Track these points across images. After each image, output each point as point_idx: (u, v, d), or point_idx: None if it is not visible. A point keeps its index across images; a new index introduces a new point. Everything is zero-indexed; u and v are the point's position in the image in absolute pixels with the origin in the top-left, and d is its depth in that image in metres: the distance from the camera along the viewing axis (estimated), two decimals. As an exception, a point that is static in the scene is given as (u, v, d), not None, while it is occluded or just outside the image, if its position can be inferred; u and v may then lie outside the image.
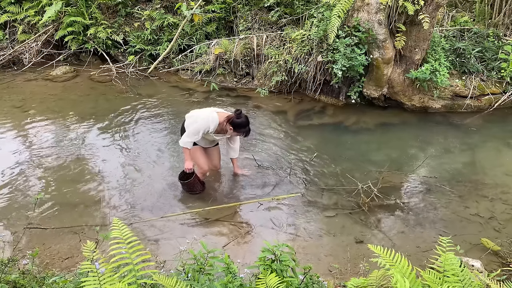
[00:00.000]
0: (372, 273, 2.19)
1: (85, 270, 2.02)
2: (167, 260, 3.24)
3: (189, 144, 4.03)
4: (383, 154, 5.15)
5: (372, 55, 5.87)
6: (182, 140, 4.05)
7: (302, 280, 2.34)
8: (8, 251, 3.27)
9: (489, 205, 4.18)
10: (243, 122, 3.95)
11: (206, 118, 3.93)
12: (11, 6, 8.07)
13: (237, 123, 3.93)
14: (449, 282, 1.98)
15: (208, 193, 4.37)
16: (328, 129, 5.81)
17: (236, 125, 3.94)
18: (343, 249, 3.59)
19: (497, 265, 3.39)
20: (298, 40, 6.48)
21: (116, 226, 2.18)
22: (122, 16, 8.09)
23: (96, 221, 3.87)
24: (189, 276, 2.21)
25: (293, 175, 4.65)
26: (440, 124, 5.90)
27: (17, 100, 6.52)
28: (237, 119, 3.91)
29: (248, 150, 5.14)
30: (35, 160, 4.90)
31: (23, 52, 8.02)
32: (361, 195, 4.24)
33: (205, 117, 3.95)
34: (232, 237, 3.71)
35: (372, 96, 6.22)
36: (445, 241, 2.16)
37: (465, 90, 6.16)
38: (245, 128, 3.98)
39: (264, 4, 7.59)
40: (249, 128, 4.03)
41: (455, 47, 6.33)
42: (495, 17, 6.89)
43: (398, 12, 5.57)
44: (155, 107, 6.36)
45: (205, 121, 3.93)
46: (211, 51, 7.27)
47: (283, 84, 6.73)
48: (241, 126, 3.95)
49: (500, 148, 5.33)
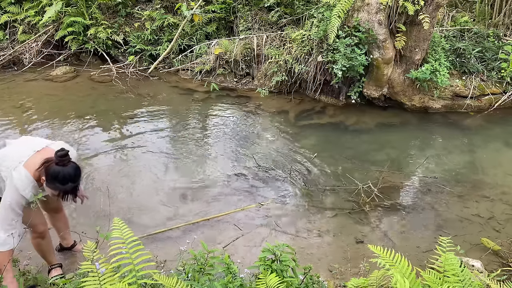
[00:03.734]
0: (372, 273, 2.19)
1: (86, 270, 2.02)
2: (167, 260, 3.24)
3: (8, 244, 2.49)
4: (383, 154, 5.15)
5: (372, 55, 5.87)
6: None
7: (302, 280, 2.35)
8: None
9: (489, 205, 4.18)
10: (63, 172, 2.41)
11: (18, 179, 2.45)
12: (11, 6, 8.07)
13: (52, 173, 2.41)
14: (449, 282, 1.98)
15: (208, 195, 4.37)
16: (328, 129, 5.81)
17: (50, 176, 2.42)
18: (343, 249, 3.59)
19: (497, 265, 3.39)
20: (298, 40, 6.48)
21: (117, 226, 2.18)
22: (122, 16, 8.09)
23: (96, 221, 3.86)
24: (189, 276, 2.21)
25: (293, 175, 4.65)
26: (440, 124, 5.90)
27: (17, 100, 6.52)
28: (57, 164, 2.41)
29: (248, 150, 5.14)
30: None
31: (23, 52, 8.01)
32: (361, 195, 4.24)
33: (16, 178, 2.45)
34: (232, 237, 3.71)
35: (372, 96, 6.22)
36: (445, 241, 2.16)
37: (465, 90, 6.16)
38: (63, 184, 2.42)
39: (264, 4, 7.59)
40: (74, 188, 2.47)
41: (455, 47, 6.34)
42: (495, 17, 6.90)
43: (398, 12, 5.57)
44: (155, 107, 6.36)
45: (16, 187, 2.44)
46: (211, 51, 7.27)
47: (283, 84, 6.73)
48: (56, 178, 2.41)
49: (500, 148, 5.33)
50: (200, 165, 4.85)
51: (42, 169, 2.45)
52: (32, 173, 2.48)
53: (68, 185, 2.44)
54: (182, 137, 5.51)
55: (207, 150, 5.21)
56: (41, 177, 2.47)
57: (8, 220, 2.47)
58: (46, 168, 2.43)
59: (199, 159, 4.98)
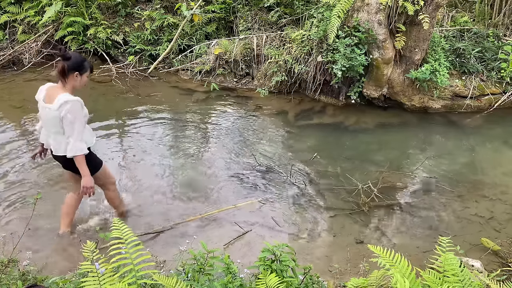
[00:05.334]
0: (372, 273, 2.19)
1: (85, 270, 2.02)
2: (167, 260, 3.24)
3: (85, 148, 3.08)
4: (383, 154, 5.15)
5: (372, 55, 5.87)
6: (74, 147, 3.00)
7: (302, 280, 2.35)
8: (8, 251, 3.27)
9: (489, 205, 4.18)
10: (78, 56, 3.04)
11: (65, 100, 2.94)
12: (11, 6, 8.06)
13: (76, 62, 2.98)
14: (449, 282, 1.98)
15: (208, 195, 4.37)
16: (328, 129, 5.81)
17: (78, 65, 2.98)
18: (343, 249, 3.58)
19: (497, 265, 3.39)
20: (298, 40, 6.48)
21: (116, 226, 2.18)
22: (122, 16, 8.09)
23: (96, 221, 3.86)
24: (189, 276, 2.21)
25: (293, 175, 4.65)
26: (440, 124, 5.90)
27: (17, 100, 6.52)
28: (68, 58, 2.94)
29: (248, 150, 5.14)
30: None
31: (23, 52, 8.01)
32: (361, 195, 4.24)
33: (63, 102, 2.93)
34: (232, 237, 3.71)
35: (372, 96, 6.22)
36: (445, 241, 2.16)
37: (465, 90, 6.17)
38: (86, 60, 3.08)
39: (264, 4, 7.59)
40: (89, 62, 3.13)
41: (455, 47, 6.34)
42: (495, 17, 6.90)
43: (398, 12, 5.57)
44: (155, 107, 6.35)
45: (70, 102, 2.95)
46: (211, 51, 7.27)
47: (283, 84, 6.73)
48: (82, 61, 3.02)
49: (500, 148, 5.34)
50: (200, 165, 4.85)
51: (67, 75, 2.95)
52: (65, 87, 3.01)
53: (88, 60, 3.08)
54: (182, 137, 5.51)
55: (207, 150, 5.21)
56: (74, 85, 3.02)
57: (82, 132, 3.01)
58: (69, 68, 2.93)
59: (199, 159, 4.98)
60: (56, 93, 2.99)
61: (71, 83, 3.00)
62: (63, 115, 2.94)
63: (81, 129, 3.01)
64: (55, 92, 3.00)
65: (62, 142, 3.07)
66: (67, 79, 2.98)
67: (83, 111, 3.05)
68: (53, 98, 2.98)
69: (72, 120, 2.95)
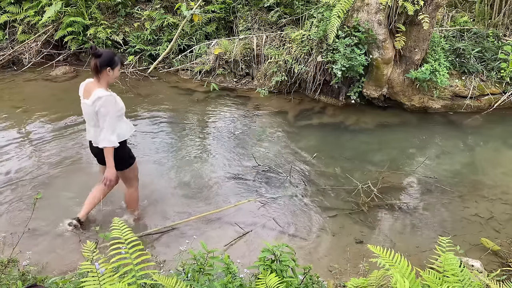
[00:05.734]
0: (372, 273, 2.19)
1: (85, 270, 2.02)
2: (167, 260, 3.24)
3: (115, 141, 3.23)
4: (383, 154, 5.15)
5: (372, 55, 5.87)
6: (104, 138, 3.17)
7: (302, 280, 2.35)
8: (8, 251, 3.27)
9: (488, 205, 4.18)
10: (109, 52, 3.24)
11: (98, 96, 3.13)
12: (11, 6, 8.07)
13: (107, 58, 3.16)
14: (449, 282, 1.98)
15: (208, 195, 4.37)
16: (328, 129, 5.81)
17: (109, 61, 3.16)
18: (343, 249, 3.58)
19: (497, 265, 3.40)
20: (298, 40, 6.48)
21: (116, 226, 2.18)
22: (122, 16, 8.09)
23: (96, 221, 3.86)
24: (189, 276, 2.21)
25: (293, 175, 4.65)
26: (440, 124, 5.90)
27: (17, 100, 6.52)
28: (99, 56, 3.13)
29: (248, 150, 5.14)
30: (34, 160, 4.90)
31: (23, 52, 8.01)
32: (361, 195, 4.24)
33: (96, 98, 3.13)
34: (232, 237, 3.71)
35: (372, 96, 6.22)
36: (445, 241, 2.16)
37: (465, 90, 6.17)
38: (116, 55, 3.27)
39: (264, 4, 7.59)
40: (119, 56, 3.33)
41: (455, 47, 6.34)
42: (495, 17, 6.90)
43: (398, 12, 5.57)
44: (155, 107, 6.35)
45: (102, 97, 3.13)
46: (211, 51, 7.27)
47: (283, 84, 6.73)
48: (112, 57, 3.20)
49: (500, 148, 5.34)
50: (200, 165, 4.85)
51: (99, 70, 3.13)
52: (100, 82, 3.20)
53: (118, 54, 3.27)
54: (182, 137, 5.51)
55: (207, 150, 5.21)
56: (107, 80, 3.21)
57: (113, 125, 3.18)
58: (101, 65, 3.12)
59: (198, 159, 4.98)
60: (92, 88, 3.19)
61: (104, 78, 3.19)
62: (97, 109, 3.13)
63: (112, 122, 3.17)
64: (91, 88, 3.20)
65: (98, 134, 3.25)
66: (101, 75, 3.17)
67: (116, 105, 3.22)
68: (89, 94, 3.19)
69: (104, 114, 3.12)
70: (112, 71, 3.21)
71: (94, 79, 3.22)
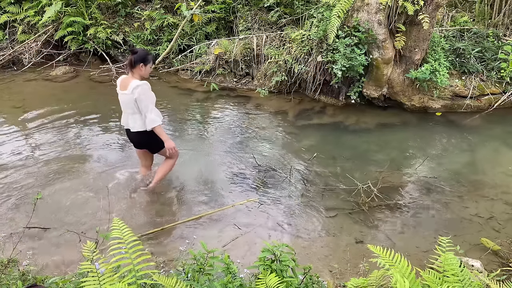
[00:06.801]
0: (372, 273, 2.19)
1: (85, 270, 2.02)
2: (167, 260, 3.24)
3: (159, 118, 3.76)
4: (383, 154, 5.15)
5: (372, 55, 5.88)
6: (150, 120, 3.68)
7: (302, 280, 2.35)
8: (8, 251, 3.27)
9: (488, 205, 4.18)
10: (143, 51, 3.68)
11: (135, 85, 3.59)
12: (11, 6, 8.08)
13: (141, 55, 3.60)
14: (448, 282, 1.98)
15: (208, 195, 4.37)
16: (328, 129, 5.81)
17: (142, 58, 3.60)
18: (343, 249, 3.58)
19: (497, 265, 3.39)
20: (298, 40, 6.48)
21: (116, 226, 2.18)
22: (122, 16, 8.09)
23: (96, 221, 3.86)
24: (189, 276, 2.21)
25: (293, 175, 4.65)
26: (440, 124, 5.90)
27: (17, 100, 6.52)
28: (135, 53, 3.59)
29: (248, 151, 5.14)
30: (34, 160, 4.90)
31: (23, 52, 8.02)
32: (361, 195, 4.24)
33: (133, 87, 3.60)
34: (232, 237, 3.71)
35: (372, 96, 6.22)
36: (445, 241, 2.16)
37: (465, 90, 6.17)
38: (150, 54, 3.71)
39: (264, 4, 7.59)
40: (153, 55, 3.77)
41: (455, 47, 6.34)
42: (495, 17, 6.90)
43: (398, 12, 5.57)
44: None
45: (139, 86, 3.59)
46: (211, 51, 7.27)
47: (283, 84, 6.73)
48: (146, 54, 3.64)
49: (500, 148, 5.34)
50: (200, 165, 4.84)
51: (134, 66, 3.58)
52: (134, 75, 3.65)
53: (151, 54, 3.70)
54: (182, 137, 5.51)
55: (207, 150, 5.21)
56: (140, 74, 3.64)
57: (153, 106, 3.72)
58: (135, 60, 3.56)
59: (198, 159, 4.97)
60: (128, 81, 3.66)
61: (137, 72, 3.64)
62: (136, 97, 3.60)
63: (152, 106, 3.68)
64: (127, 81, 3.67)
65: (137, 120, 3.74)
66: (134, 69, 3.62)
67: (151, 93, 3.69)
68: (126, 85, 3.66)
69: (144, 99, 3.62)
70: (145, 67, 3.64)
71: (129, 73, 3.68)
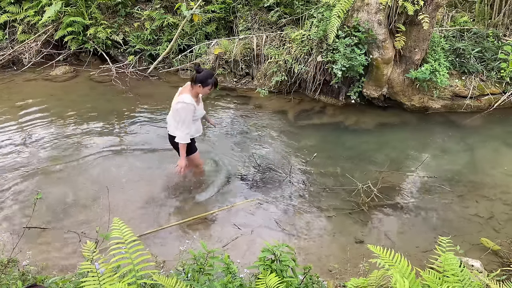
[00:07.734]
0: (372, 273, 2.19)
1: (85, 270, 2.02)
2: (167, 260, 3.24)
3: (188, 138, 3.94)
4: (383, 154, 5.15)
5: (372, 55, 5.87)
6: (179, 137, 3.90)
7: (302, 280, 2.35)
8: (8, 251, 3.27)
9: (488, 205, 4.18)
10: (207, 73, 3.79)
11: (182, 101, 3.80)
12: (11, 6, 8.07)
13: (203, 77, 3.75)
14: (448, 282, 1.98)
15: (208, 195, 4.37)
16: (328, 129, 5.81)
17: (202, 79, 3.75)
18: (343, 249, 3.59)
19: (497, 265, 3.40)
20: (298, 40, 6.48)
21: (116, 226, 2.18)
22: (122, 16, 8.09)
23: (96, 221, 3.87)
24: (189, 276, 2.21)
25: (293, 175, 4.65)
26: (440, 124, 5.90)
27: (17, 100, 6.52)
28: (199, 72, 3.75)
29: (248, 151, 5.14)
30: (34, 160, 4.90)
31: (22, 52, 8.01)
32: (361, 195, 4.24)
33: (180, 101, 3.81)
34: (232, 237, 3.71)
35: (372, 96, 6.22)
36: (444, 241, 2.16)
37: (465, 90, 6.17)
38: (211, 78, 3.80)
39: (264, 4, 7.59)
40: (216, 79, 3.86)
41: (454, 47, 6.34)
42: (495, 17, 6.90)
43: (398, 12, 5.57)
44: (155, 107, 6.35)
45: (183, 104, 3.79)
46: (211, 51, 7.27)
47: (283, 84, 6.73)
48: (207, 77, 3.76)
49: (500, 148, 5.34)
50: (200, 165, 4.85)
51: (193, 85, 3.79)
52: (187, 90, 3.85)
53: (213, 77, 3.80)
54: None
55: (207, 150, 5.20)
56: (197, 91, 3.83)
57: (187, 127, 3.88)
58: (196, 79, 3.74)
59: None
60: (184, 91, 3.90)
61: (195, 89, 3.83)
62: (177, 108, 3.84)
63: (186, 125, 3.87)
64: (184, 91, 3.91)
65: (171, 124, 4.00)
66: (193, 86, 3.82)
67: (194, 112, 3.89)
68: (181, 93, 3.90)
69: (182, 116, 3.83)
70: (202, 88, 3.81)
71: (190, 85, 3.87)
